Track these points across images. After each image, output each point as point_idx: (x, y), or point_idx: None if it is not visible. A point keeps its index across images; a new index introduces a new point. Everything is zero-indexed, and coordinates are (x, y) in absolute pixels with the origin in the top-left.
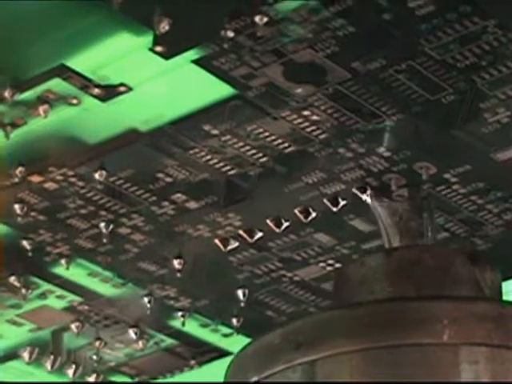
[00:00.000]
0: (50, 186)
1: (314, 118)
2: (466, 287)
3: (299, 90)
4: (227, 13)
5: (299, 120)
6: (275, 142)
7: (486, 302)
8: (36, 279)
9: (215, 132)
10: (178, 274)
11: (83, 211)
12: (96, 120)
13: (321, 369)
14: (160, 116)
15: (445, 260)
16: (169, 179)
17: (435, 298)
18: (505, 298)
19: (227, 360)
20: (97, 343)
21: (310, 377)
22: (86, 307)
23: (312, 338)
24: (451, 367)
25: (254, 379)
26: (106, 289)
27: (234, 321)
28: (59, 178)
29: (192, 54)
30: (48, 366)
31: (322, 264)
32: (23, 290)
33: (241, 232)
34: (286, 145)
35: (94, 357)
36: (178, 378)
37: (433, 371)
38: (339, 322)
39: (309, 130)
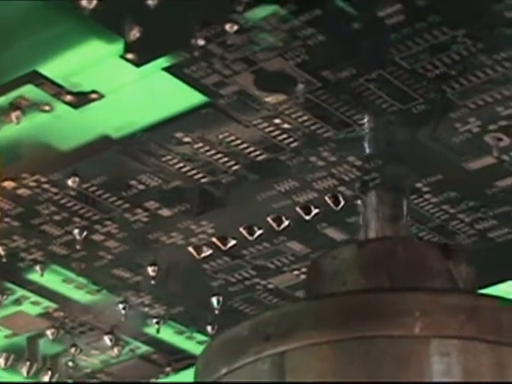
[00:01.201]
0: (23, 192)
1: (285, 126)
2: (440, 280)
3: (269, 99)
4: (197, 21)
5: (270, 128)
6: (247, 150)
7: (459, 294)
8: (11, 285)
9: (187, 139)
10: (153, 281)
11: (57, 217)
12: (68, 127)
13: (290, 360)
14: (132, 123)
15: (419, 252)
16: (141, 186)
17: (407, 289)
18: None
19: None
20: (72, 350)
21: (280, 368)
22: (62, 313)
23: (281, 329)
24: (422, 359)
25: (224, 371)
26: (80, 295)
27: (209, 328)
28: (32, 184)
29: (163, 62)
30: (24, 372)
31: (295, 272)
32: None
33: (214, 240)
34: (258, 153)
35: (70, 363)
36: None
37: (404, 363)
38: (309, 314)
39: (280, 138)
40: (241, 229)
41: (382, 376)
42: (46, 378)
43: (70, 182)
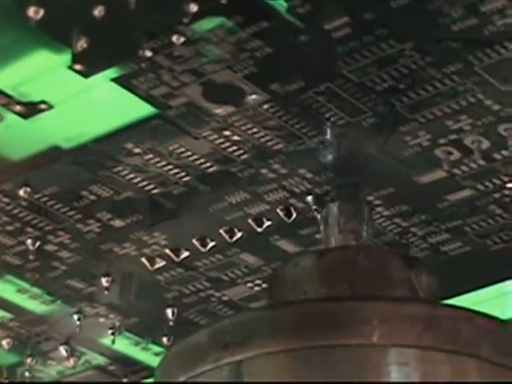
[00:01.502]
0: None
1: (235, 138)
2: (401, 289)
3: (218, 111)
4: (144, 32)
5: (220, 140)
6: (197, 162)
7: (417, 303)
8: None
9: (137, 150)
10: (106, 292)
11: (9, 228)
12: (19, 137)
13: (247, 369)
14: (82, 134)
15: (380, 261)
16: (93, 197)
17: (365, 298)
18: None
19: None
20: (28, 360)
21: (237, 377)
22: (17, 324)
23: (239, 337)
24: (380, 368)
25: (182, 379)
26: (35, 305)
27: (165, 340)
28: None
29: (111, 73)
30: None
31: (249, 284)
32: None
33: (167, 251)
34: (209, 164)
35: (27, 374)
36: None
37: (362, 372)
38: (266, 322)
39: (230, 150)
40: (193, 240)
41: None
42: None
43: (21, 192)
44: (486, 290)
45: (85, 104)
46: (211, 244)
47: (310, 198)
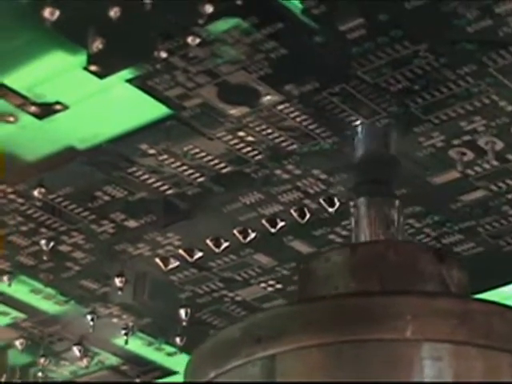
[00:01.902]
0: None
1: (249, 138)
2: (432, 284)
3: (233, 111)
4: (160, 33)
5: (235, 141)
6: (212, 163)
7: (451, 298)
8: None
9: (152, 151)
10: (120, 292)
11: (24, 228)
12: (33, 138)
13: (281, 363)
14: (97, 134)
15: (411, 256)
16: (107, 197)
17: (398, 293)
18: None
19: (172, 378)
20: (41, 360)
21: (270, 371)
22: (30, 324)
23: (272, 332)
24: (414, 363)
25: (213, 374)
26: (49, 306)
27: (178, 340)
28: None
29: (126, 74)
30: None
31: (262, 284)
32: None
33: (181, 251)
34: (223, 165)
35: (40, 374)
36: None
37: (395, 367)
38: (300, 316)
39: (244, 150)
40: (207, 241)
41: (373, 379)
42: None
43: (36, 193)
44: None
45: (100, 105)
46: (225, 244)
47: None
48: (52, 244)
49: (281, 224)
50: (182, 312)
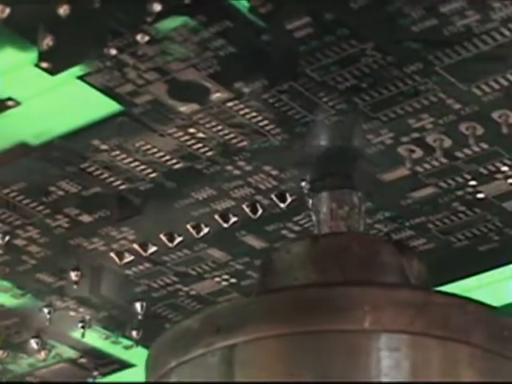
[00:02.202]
0: None
1: (200, 135)
2: (393, 276)
3: (183, 108)
4: (109, 31)
5: (186, 137)
6: (163, 159)
7: (409, 289)
8: None
9: (104, 147)
10: (75, 286)
11: None
12: None
13: (240, 353)
14: (49, 130)
15: (372, 248)
16: (61, 192)
17: (357, 283)
18: None
19: (130, 371)
20: (0, 353)
21: (229, 361)
22: None
23: (232, 322)
24: (371, 354)
25: (174, 363)
26: (5, 299)
27: (134, 333)
28: None
29: (77, 71)
30: None
31: (217, 279)
32: None
33: (135, 246)
34: (174, 161)
35: None
36: None
37: (353, 357)
38: (259, 307)
39: (195, 147)
40: (161, 235)
41: (332, 370)
42: None
43: None
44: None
45: (52, 101)
46: (178, 239)
47: (303, 184)
48: (7, 238)
49: (233, 219)
50: (138, 306)
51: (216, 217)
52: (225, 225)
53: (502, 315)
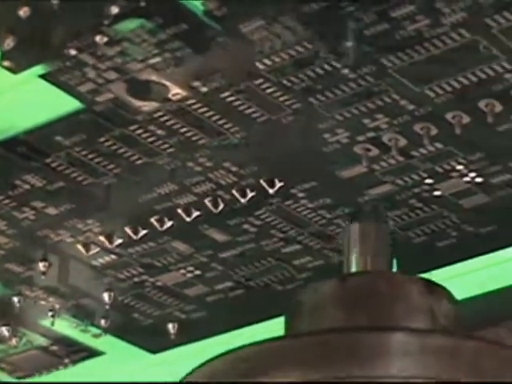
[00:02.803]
0: None
1: (161, 132)
2: (421, 317)
3: (144, 106)
4: (69, 32)
5: (146, 134)
6: (126, 154)
7: (439, 334)
8: None
9: (67, 143)
10: (43, 277)
11: None
12: None
13: None
14: (13, 127)
15: (400, 288)
16: (27, 186)
17: (386, 328)
18: None
19: (100, 359)
20: None
21: None
22: None
23: (258, 367)
24: None
25: None
26: None
27: (103, 322)
28: None
29: (39, 70)
30: None
31: (182, 271)
32: None
33: (101, 238)
34: (136, 157)
35: None
36: (53, 375)
37: None
38: (287, 352)
39: (156, 143)
40: (126, 228)
41: None
42: None
43: None
44: None
45: (15, 99)
46: (143, 232)
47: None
48: None
49: (196, 213)
50: (106, 295)
51: (179, 211)
52: (187, 219)
53: None
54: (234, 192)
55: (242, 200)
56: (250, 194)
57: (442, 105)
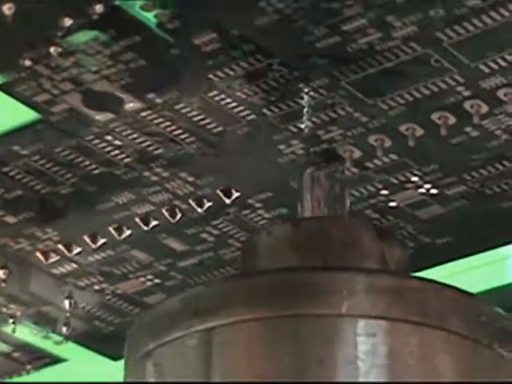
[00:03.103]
0: None
1: (117, 142)
2: (372, 261)
3: (99, 117)
4: (24, 43)
5: (103, 144)
6: (82, 164)
7: (387, 274)
8: None
9: (24, 152)
10: (3, 284)
11: None
12: None
13: (218, 337)
14: None
15: (352, 233)
16: None
17: (335, 268)
18: None
19: (62, 366)
20: None
21: (207, 344)
22: None
23: (210, 304)
24: (349, 339)
25: (152, 346)
26: None
27: (64, 329)
28: None
29: None
30: None
31: (141, 279)
32: None
33: (60, 246)
34: (93, 167)
35: None
36: (15, 381)
37: (331, 342)
38: (239, 290)
39: (113, 153)
40: (84, 237)
41: (309, 354)
42: None
43: None
44: None
45: None
46: (102, 241)
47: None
48: None
49: (154, 223)
50: (67, 303)
51: (137, 220)
52: (145, 228)
53: (479, 301)
54: (191, 202)
55: (199, 210)
56: (207, 204)
57: (396, 117)
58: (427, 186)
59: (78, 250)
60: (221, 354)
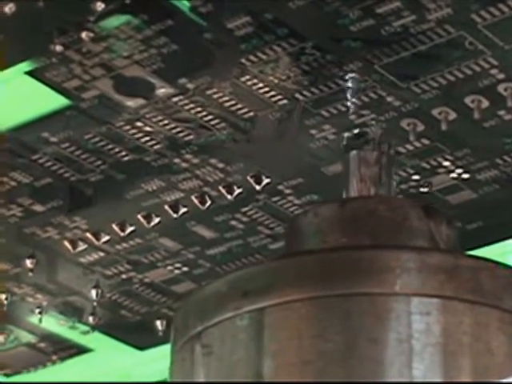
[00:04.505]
0: None
1: (147, 129)
2: (421, 240)
3: (130, 103)
4: (54, 28)
5: (133, 131)
6: (112, 151)
7: (440, 253)
8: None
9: (54, 139)
10: (30, 273)
11: None
12: None
13: (269, 317)
14: (0, 123)
15: (400, 212)
16: (13, 183)
17: (387, 247)
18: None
19: (88, 356)
20: None
21: (258, 324)
22: None
23: (260, 285)
24: (402, 318)
25: (200, 328)
26: None
27: (91, 319)
28: None
29: (25, 66)
30: None
31: (169, 267)
32: None
33: (88, 235)
34: (124, 154)
35: None
36: (41, 372)
37: (383, 321)
38: (288, 270)
39: (143, 140)
40: (113, 225)
41: (361, 333)
42: None
43: None
44: None
45: (1, 95)
46: (130, 229)
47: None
48: None
49: (183, 210)
50: (94, 292)
51: (166, 207)
52: (175, 215)
53: None
54: (220, 188)
55: (229, 196)
56: (237, 191)
57: (429, 101)
58: (459, 170)
59: (106, 238)
60: (271, 335)
